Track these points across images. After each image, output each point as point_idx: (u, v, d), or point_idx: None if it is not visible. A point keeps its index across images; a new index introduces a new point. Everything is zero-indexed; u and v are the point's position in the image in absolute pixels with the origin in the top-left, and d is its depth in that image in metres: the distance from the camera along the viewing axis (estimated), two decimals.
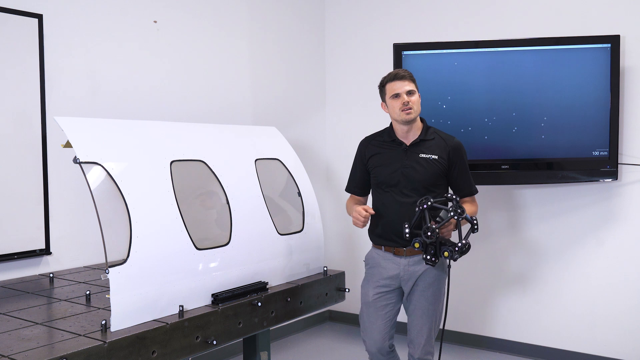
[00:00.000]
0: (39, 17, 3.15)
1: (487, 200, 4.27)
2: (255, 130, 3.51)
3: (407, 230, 2.50)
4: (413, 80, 2.74)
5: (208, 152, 2.83)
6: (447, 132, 2.79)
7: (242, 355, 3.19)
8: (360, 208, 2.71)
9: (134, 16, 3.62)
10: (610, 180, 3.66)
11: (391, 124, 2.81)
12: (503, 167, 3.75)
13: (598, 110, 3.61)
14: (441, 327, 2.75)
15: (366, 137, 2.91)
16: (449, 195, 2.60)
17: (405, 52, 3.86)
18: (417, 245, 2.47)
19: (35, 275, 3.10)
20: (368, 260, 2.87)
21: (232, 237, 2.70)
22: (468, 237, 2.50)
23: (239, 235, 2.74)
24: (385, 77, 2.77)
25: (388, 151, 2.78)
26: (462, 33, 4.18)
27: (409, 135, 2.76)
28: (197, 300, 2.49)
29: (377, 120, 2.74)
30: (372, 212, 2.70)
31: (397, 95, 2.69)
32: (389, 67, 3.93)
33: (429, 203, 2.49)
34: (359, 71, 4.78)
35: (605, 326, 3.87)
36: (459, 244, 2.46)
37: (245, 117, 4.31)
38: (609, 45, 3.57)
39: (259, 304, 2.65)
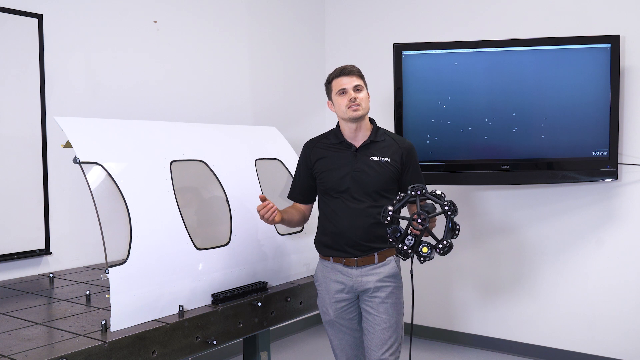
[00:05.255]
0: (39, 17, 3.15)
1: (487, 201, 4.27)
2: (255, 130, 3.51)
3: (389, 212, 2.22)
4: (361, 77, 2.56)
5: (208, 152, 2.83)
6: (447, 132, 2.73)
7: (242, 355, 3.19)
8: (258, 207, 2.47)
9: (134, 16, 3.62)
10: (610, 180, 3.66)
11: (338, 124, 2.62)
12: (503, 167, 3.75)
13: (598, 110, 3.61)
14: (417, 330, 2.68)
15: (311, 140, 2.69)
16: (440, 193, 2.27)
17: (405, 52, 3.86)
18: (394, 232, 2.22)
19: (35, 275, 3.10)
20: (317, 277, 2.67)
21: (232, 237, 2.70)
22: (450, 239, 2.23)
23: (239, 235, 2.73)
24: (331, 74, 2.58)
25: (336, 154, 2.57)
26: (462, 33, 4.18)
27: (357, 136, 2.56)
28: (197, 300, 2.48)
29: (376, 120, 2.72)
30: (263, 196, 2.47)
31: (343, 92, 2.51)
32: (389, 67, 3.94)
33: (423, 191, 2.22)
34: None
35: (605, 326, 3.87)
36: (442, 243, 2.19)
37: (246, 117, 4.32)
38: (609, 45, 3.57)
39: (259, 304, 2.64)
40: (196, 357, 2.83)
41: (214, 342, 2.40)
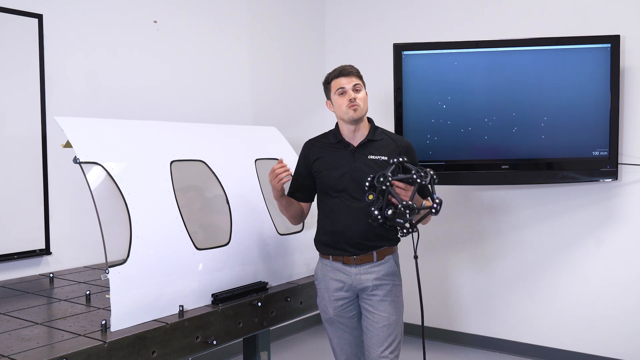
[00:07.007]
0: (39, 17, 3.15)
1: (487, 201, 4.27)
2: (255, 130, 3.51)
3: (368, 180, 2.34)
4: (360, 77, 2.58)
5: (208, 152, 2.83)
6: (447, 132, 2.72)
7: (242, 355, 3.19)
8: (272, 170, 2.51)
9: (134, 16, 3.62)
10: (610, 180, 3.66)
11: (337, 124, 2.64)
12: (503, 167, 3.75)
13: (598, 110, 3.61)
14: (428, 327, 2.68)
15: (310, 139, 2.71)
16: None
17: (405, 52, 3.86)
18: (370, 197, 2.31)
19: (35, 275, 3.10)
20: (317, 275, 2.68)
21: (232, 237, 2.70)
22: (421, 212, 2.34)
23: (239, 235, 2.73)
24: (330, 74, 2.60)
25: (334, 153, 2.59)
26: (462, 33, 4.18)
27: (356, 135, 2.58)
28: (197, 300, 2.48)
29: (376, 120, 2.72)
30: (281, 161, 2.53)
31: (343, 92, 2.53)
32: (389, 67, 3.94)
33: (402, 159, 2.36)
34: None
35: (605, 326, 3.87)
36: (403, 203, 2.26)
37: (246, 117, 4.32)
38: (609, 45, 3.57)
39: (259, 304, 2.64)
40: (196, 357, 2.83)
41: (214, 342, 2.40)
